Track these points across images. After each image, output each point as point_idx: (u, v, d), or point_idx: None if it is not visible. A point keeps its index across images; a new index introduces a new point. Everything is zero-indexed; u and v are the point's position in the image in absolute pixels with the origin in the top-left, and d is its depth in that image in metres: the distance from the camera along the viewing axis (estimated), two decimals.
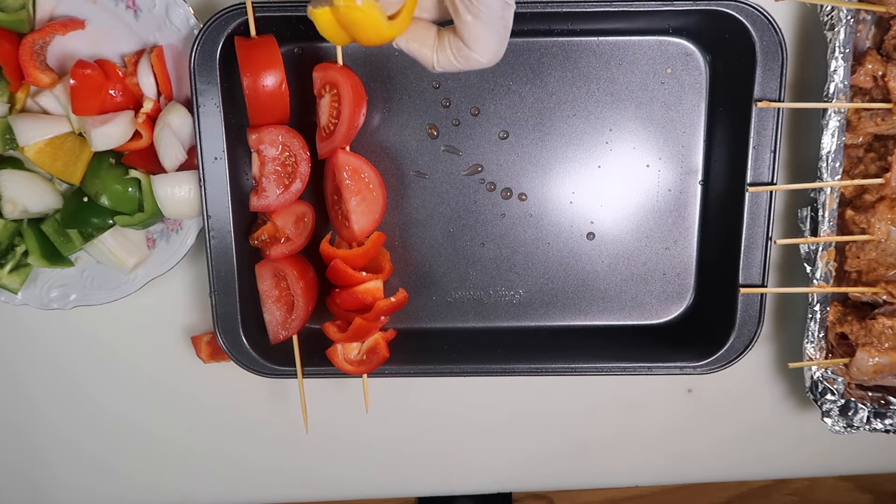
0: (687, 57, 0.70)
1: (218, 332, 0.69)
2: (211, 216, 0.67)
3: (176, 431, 0.80)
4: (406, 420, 0.79)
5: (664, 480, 0.83)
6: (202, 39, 0.64)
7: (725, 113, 0.69)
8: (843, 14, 0.65)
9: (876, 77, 0.66)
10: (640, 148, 0.71)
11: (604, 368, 0.71)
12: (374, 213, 0.68)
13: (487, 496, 0.83)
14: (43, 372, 0.78)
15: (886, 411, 0.71)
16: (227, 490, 0.82)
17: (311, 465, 0.81)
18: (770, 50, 0.64)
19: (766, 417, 0.80)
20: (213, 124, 0.65)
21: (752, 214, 0.67)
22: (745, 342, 0.69)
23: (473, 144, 0.71)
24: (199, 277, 0.75)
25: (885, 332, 0.67)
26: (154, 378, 0.78)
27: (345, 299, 0.68)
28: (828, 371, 0.71)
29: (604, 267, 0.73)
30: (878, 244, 0.67)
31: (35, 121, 0.67)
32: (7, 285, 0.70)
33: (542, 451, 0.81)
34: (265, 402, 0.79)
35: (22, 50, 0.65)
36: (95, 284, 0.72)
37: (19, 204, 0.68)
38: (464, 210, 0.72)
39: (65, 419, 0.80)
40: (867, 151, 0.68)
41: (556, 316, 0.74)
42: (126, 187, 0.68)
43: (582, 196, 0.72)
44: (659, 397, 0.79)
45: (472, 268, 0.73)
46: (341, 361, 0.69)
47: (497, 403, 0.79)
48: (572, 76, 0.70)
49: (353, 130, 0.66)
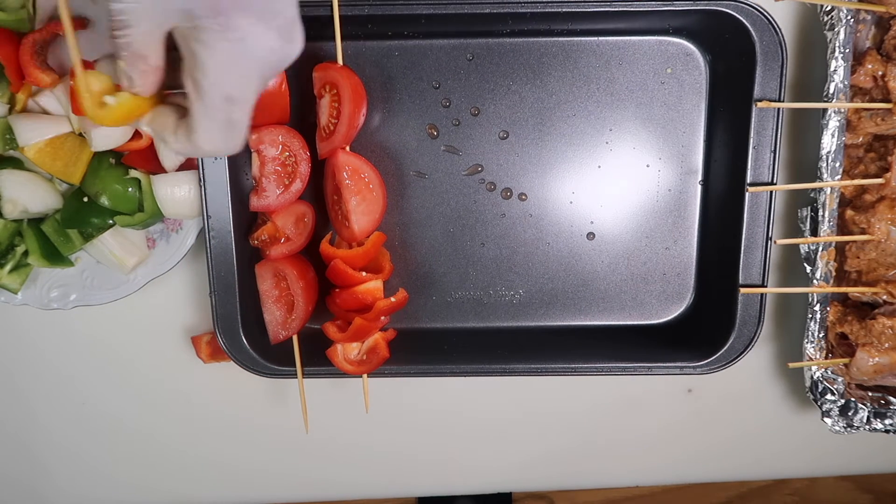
0: (687, 57, 0.70)
1: (218, 332, 0.69)
2: (211, 216, 0.67)
3: (176, 431, 0.80)
4: (406, 420, 0.79)
5: (664, 480, 0.83)
6: None
7: (725, 113, 0.69)
8: (843, 14, 0.65)
9: (876, 77, 0.66)
10: (640, 148, 0.71)
11: (604, 368, 0.71)
12: (374, 213, 0.68)
13: (487, 496, 0.83)
14: (43, 372, 0.78)
15: (886, 411, 0.71)
16: (227, 490, 0.82)
17: (311, 465, 0.81)
18: (770, 50, 0.64)
19: (766, 417, 0.80)
20: None
21: (752, 214, 0.67)
22: (745, 342, 0.69)
23: (473, 144, 0.71)
24: (199, 277, 0.75)
25: (885, 332, 0.67)
26: (154, 378, 0.78)
27: (345, 299, 0.68)
28: (828, 371, 0.71)
29: (604, 267, 0.73)
30: (878, 244, 0.67)
31: (35, 121, 0.67)
32: (7, 285, 0.70)
33: (542, 451, 0.81)
34: (265, 402, 0.79)
35: (22, 50, 0.65)
36: (95, 284, 0.72)
37: (19, 204, 0.68)
38: (464, 210, 0.72)
39: (65, 419, 0.79)
40: (867, 151, 0.68)
41: (556, 316, 0.74)
42: (126, 187, 0.68)
43: (582, 196, 0.72)
44: (659, 397, 0.79)
45: (472, 268, 0.73)
46: (341, 361, 0.69)
47: (497, 403, 0.79)
48: (572, 76, 0.70)
49: (353, 130, 0.66)
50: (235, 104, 0.48)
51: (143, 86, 0.49)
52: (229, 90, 0.47)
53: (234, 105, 0.48)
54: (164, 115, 0.51)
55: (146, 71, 0.48)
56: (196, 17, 0.44)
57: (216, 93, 0.47)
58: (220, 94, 0.47)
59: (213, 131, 0.49)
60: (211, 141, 0.49)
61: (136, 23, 0.46)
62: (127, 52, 0.47)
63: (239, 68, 0.47)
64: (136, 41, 0.47)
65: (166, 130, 0.51)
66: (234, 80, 0.47)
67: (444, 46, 0.69)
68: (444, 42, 0.69)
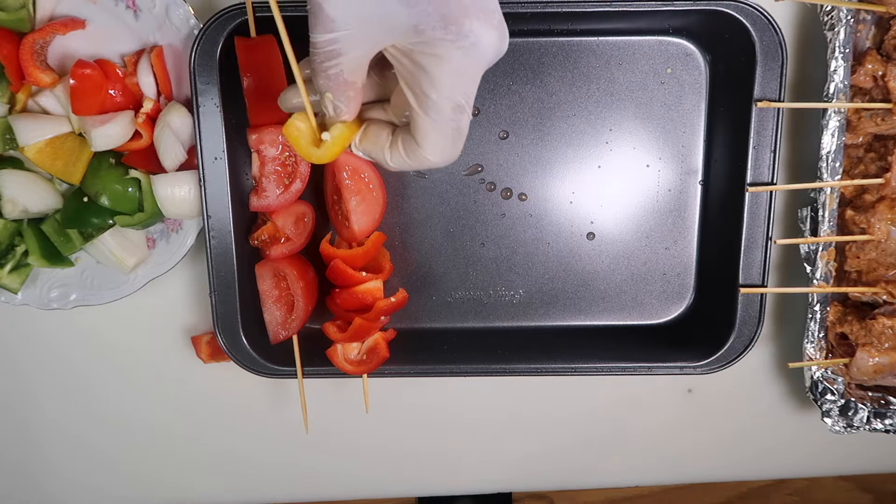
0: (687, 57, 0.70)
1: (218, 332, 0.69)
2: (211, 216, 0.67)
3: (175, 432, 0.80)
4: (406, 420, 0.79)
5: (664, 480, 0.83)
6: (202, 39, 0.64)
7: (725, 113, 0.69)
8: (843, 14, 0.65)
9: (876, 77, 0.66)
10: (640, 148, 0.71)
11: (604, 368, 0.71)
12: (374, 213, 0.68)
13: (487, 496, 0.83)
14: (42, 372, 0.78)
15: (886, 411, 0.71)
16: (227, 490, 0.82)
17: (311, 464, 0.81)
18: (770, 50, 0.64)
19: (767, 417, 0.80)
20: (213, 124, 0.65)
21: (752, 214, 0.67)
22: (745, 342, 0.69)
23: (473, 144, 0.71)
24: (199, 277, 0.75)
25: (885, 332, 0.67)
26: (154, 378, 0.78)
27: (345, 299, 0.68)
28: (828, 371, 0.71)
29: (604, 267, 0.73)
30: (878, 244, 0.67)
31: (35, 121, 0.67)
32: (7, 285, 0.70)
33: (542, 451, 0.81)
34: (265, 402, 0.79)
35: (22, 50, 0.65)
36: (95, 284, 0.72)
37: (19, 204, 0.68)
38: (464, 210, 0.72)
39: (65, 420, 0.79)
40: (867, 151, 0.68)
41: (556, 316, 0.74)
42: (126, 187, 0.68)
43: (582, 196, 0.72)
44: (659, 397, 0.79)
45: (472, 268, 0.73)
46: (341, 361, 0.69)
47: (497, 403, 0.79)
48: (572, 76, 0.70)
49: None
50: (464, 112, 0.47)
51: (350, 112, 0.48)
52: (459, 98, 0.46)
53: (463, 113, 0.47)
54: (374, 135, 0.50)
55: (353, 97, 0.47)
56: (424, 31, 0.43)
57: (447, 104, 0.46)
58: (451, 104, 0.46)
59: (441, 143, 0.47)
60: (440, 153, 0.48)
61: (350, 49, 0.44)
62: (335, 82, 0.46)
63: (469, 75, 0.46)
64: (347, 69, 0.45)
65: (380, 149, 0.49)
66: (465, 88, 0.46)
67: None
68: None
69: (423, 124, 0.47)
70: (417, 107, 0.46)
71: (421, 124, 0.47)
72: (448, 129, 0.47)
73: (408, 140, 0.48)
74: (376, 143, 0.50)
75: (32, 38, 0.65)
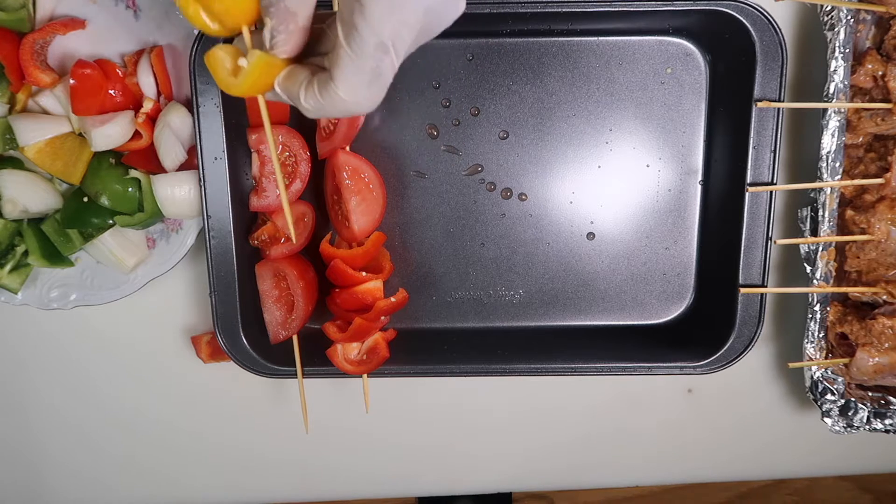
0: (687, 57, 0.70)
1: (218, 332, 0.69)
2: (211, 216, 0.67)
3: (175, 432, 0.80)
4: (406, 420, 0.79)
5: (664, 480, 0.83)
6: (202, 39, 0.63)
7: (725, 113, 0.69)
8: (843, 14, 0.65)
9: (876, 77, 0.66)
10: (640, 148, 0.71)
11: (604, 368, 0.71)
12: (374, 213, 0.68)
13: (487, 496, 0.83)
14: (43, 373, 0.78)
15: (886, 411, 0.71)
16: (227, 490, 0.82)
17: (311, 465, 0.81)
18: (770, 50, 0.64)
19: (767, 417, 0.80)
20: (213, 124, 0.65)
21: (752, 214, 0.67)
22: (745, 342, 0.69)
23: (473, 144, 0.71)
24: (199, 277, 0.75)
25: (885, 332, 0.67)
26: (154, 378, 0.78)
27: (345, 299, 0.68)
28: (828, 371, 0.71)
29: (604, 267, 0.73)
30: (878, 244, 0.67)
31: (35, 121, 0.67)
32: (7, 285, 0.70)
33: (542, 451, 0.81)
34: (265, 402, 0.79)
35: (22, 49, 0.65)
36: (95, 284, 0.72)
37: (19, 204, 0.68)
38: (464, 210, 0.72)
39: (65, 420, 0.79)
40: (867, 151, 0.68)
41: (556, 316, 0.74)
42: (126, 187, 0.68)
43: (582, 196, 0.72)
44: (659, 397, 0.79)
45: (472, 268, 0.73)
46: (341, 361, 0.69)
47: (497, 403, 0.79)
48: (572, 76, 0.70)
49: (353, 130, 0.67)
50: (387, 53, 0.46)
51: (287, 49, 0.47)
52: (385, 37, 0.45)
53: (386, 54, 0.46)
54: (294, 73, 0.49)
55: (294, 31, 0.47)
56: None
57: (371, 38, 0.45)
58: (375, 39, 0.45)
59: (356, 82, 0.47)
60: (352, 92, 0.47)
61: None
62: (277, 7, 0.45)
63: (402, 13, 0.45)
64: None
65: (298, 87, 0.48)
66: (393, 26, 0.45)
67: (444, 46, 0.69)
68: (444, 42, 0.69)
69: (342, 56, 0.46)
70: (343, 38, 0.46)
71: (340, 56, 0.46)
72: (367, 66, 0.46)
73: (324, 78, 0.48)
74: (295, 81, 0.49)
75: (32, 38, 0.65)
